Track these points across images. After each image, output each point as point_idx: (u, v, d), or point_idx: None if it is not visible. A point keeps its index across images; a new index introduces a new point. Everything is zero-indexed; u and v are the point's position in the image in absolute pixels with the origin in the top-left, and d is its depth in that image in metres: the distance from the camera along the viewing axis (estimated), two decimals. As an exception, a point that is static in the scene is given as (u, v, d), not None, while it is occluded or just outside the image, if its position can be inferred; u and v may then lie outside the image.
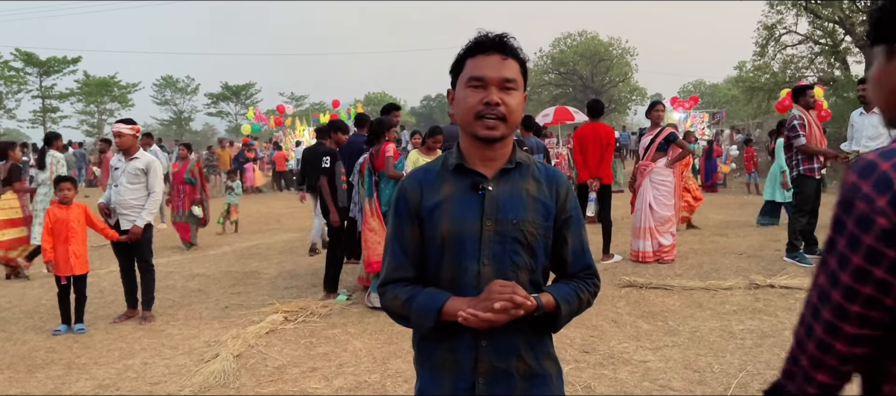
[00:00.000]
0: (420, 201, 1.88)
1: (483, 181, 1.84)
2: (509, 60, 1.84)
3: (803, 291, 6.56)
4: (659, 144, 8.46)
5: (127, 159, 6.40)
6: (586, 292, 1.94)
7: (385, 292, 1.93)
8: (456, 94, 1.90)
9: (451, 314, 1.78)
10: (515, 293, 1.71)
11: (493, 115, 1.79)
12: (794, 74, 29.49)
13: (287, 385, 4.63)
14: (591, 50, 53.60)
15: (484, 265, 1.82)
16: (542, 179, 1.92)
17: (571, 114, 22.12)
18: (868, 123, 7.85)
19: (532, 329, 1.86)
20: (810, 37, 30.27)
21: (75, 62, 49.45)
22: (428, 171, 1.94)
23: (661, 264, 8.20)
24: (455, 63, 1.91)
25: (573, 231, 1.95)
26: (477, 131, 1.81)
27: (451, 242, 1.83)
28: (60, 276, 6.12)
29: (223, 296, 7.35)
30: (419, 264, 1.91)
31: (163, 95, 62.71)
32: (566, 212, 1.93)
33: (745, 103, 33.80)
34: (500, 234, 1.82)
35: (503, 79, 1.81)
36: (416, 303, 1.84)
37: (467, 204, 1.84)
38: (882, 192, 1.19)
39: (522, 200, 1.86)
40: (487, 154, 1.86)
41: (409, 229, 1.90)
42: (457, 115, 1.88)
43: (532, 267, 1.87)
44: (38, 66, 48.15)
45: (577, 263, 1.96)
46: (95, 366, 5.21)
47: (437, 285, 1.87)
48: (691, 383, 4.40)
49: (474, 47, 1.85)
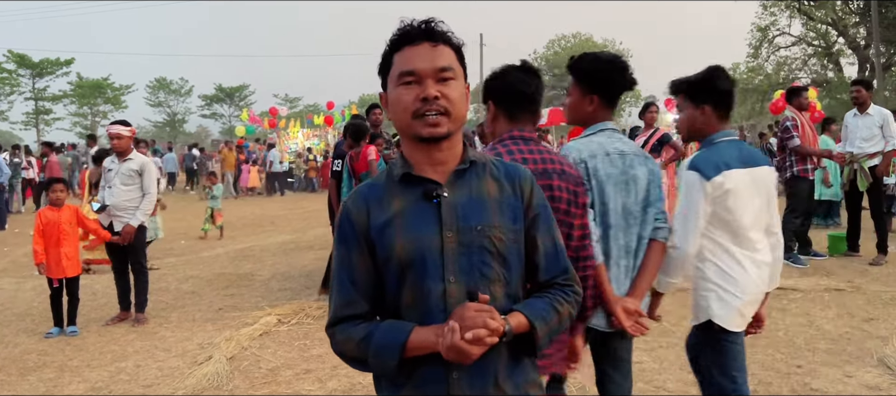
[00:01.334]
0: (367, 221, 1.65)
1: (436, 188, 1.62)
2: (441, 47, 1.62)
3: (797, 292, 6.58)
4: (652, 146, 8.49)
5: (121, 161, 6.38)
6: (565, 303, 1.70)
7: (334, 334, 1.66)
8: (389, 95, 1.68)
9: (419, 348, 1.55)
10: (491, 318, 1.49)
11: (434, 110, 1.58)
12: (787, 76, 29.67)
13: (281, 388, 4.62)
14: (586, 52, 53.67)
15: (450, 282, 1.59)
16: (502, 177, 1.70)
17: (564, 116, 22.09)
18: (862, 125, 7.88)
19: (510, 354, 1.64)
20: (804, 38, 30.45)
21: (68, 64, 49.36)
22: (372, 186, 1.71)
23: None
24: (382, 62, 1.69)
25: (543, 231, 1.72)
26: (419, 132, 1.60)
27: (410, 262, 1.60)
28: (52, 278, 6.09)
29: (216, 298, 7.32)
30: (373, 296, 1.67)
31: (156, 96, 62.67)
32: (533, 209, 1.71)
33: (739, 105, 33.88)
34: (464, 245, 1.60)
35: (437, 69, 1.60)
36: (374, 342, 1.59)
37: (422, 216, 1.62)
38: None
39: (484, 202, 1.64)
40: (435, 156, 1.64)
41: (358, 257, 1.65)
42: (393, 118, 1.66)
43: (506, 279, 1.64)
44: (31, 68, 48.01)
45: (551, 267, 1.72)
46: (88, 369, 5.19)
47: (397, 315, 1.63)
48: (686, 384, 4.39)
49: (399, 39, 1.64)
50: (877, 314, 5.80)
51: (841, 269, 7.57)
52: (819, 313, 5.88)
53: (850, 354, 4.83)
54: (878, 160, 7.81)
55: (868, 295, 6.41)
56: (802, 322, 5.61)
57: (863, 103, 7.87)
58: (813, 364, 4.65)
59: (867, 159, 7.81)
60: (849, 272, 7.40)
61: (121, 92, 53.91)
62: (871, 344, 5.00)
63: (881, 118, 7.79)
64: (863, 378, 4.38)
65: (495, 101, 2.58)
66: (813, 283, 6.85)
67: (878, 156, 7.81)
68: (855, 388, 4.23)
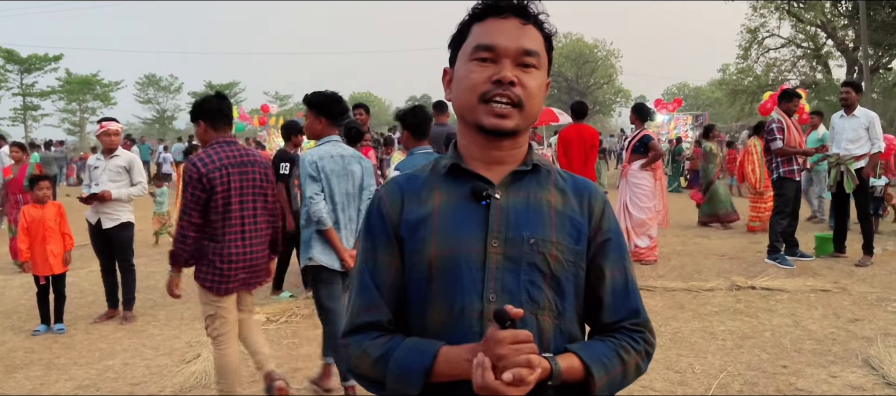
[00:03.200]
0: (400, 214, 1.40)
1: (487, 187, 1.37)
2: (531, 28, 1.37)
3: (784, 292, 6.62)
4: (634, 146, 8.55)
5: (108, 157, 6.35)
6: (633, 351, 1.39)
7: (348, 345, 1.40)
8: (455, 71, 1.42)
9: (447, 374, 1.28)
10: (533, 353, 1.21)
11: (505, 98, 1.32)
12: (776, 77, 29.85)
13: (269, 386, 4.61)
14: (577, 52, 53.79)
15: (489, 302, 1.31)
16: (570, 189, 1.44)
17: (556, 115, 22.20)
18: (848, 126, 7.94)
19: None
20: (793, 40, 30.63)
21: (57, 60, 48.90)
22: (413, 176, 1.46)
23: (644, 265, 8.24)
24: (457, 32, 1.44)
25: (613, 260, 1.43)
26: (481, 119, 1.34)
27: (443, 270, 1.34)
28: (39, 276, 6.05)
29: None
30: (397, 304, 1.41)
31: (146, 93, 62.33)
32: (603, 233, 1.43)
33: (729, 106, 34.14)
34: (511, 259, 1.33)
35: (522, 50, 1.34)
36: (392, 362, 1.32)
37: (465, 218, 1.36)
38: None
39: (542, 213, 1.38)
40: (494, 154, 1.39)
41: (386, 255, 1.40)
42: (455, 98, 1.41)
43: (560, 309, 1.37)
44: (19, 63, 47.55)
45: (619, 307, 1.42)
46: (75, 367, 5.16)
47: (423, 334, 1.36)
48: (672, 383, 4.42)
49: (485, 8, 1.38)
50: (862, 314, 5.84)
51: (827, 270, 7.62)
52: (805, 313, 5.92)
53: (836, 354, 4.87)
54: (864, 163, 7.87)
55: (854, 296, 6.46)
56: (789, 323, 5.65)
57: (851, 105, 7.93)
58: (799, 365, 4.69)
59: (853, 160, 7.87)
60: (835, 273, 7.45)
61: (110, 88, 53.49)
62: (856, 345, 5.05)
63: (867, 120, 7.85)
64: (848, 379, 4.41)
65: (203, 119, 3.92)
66: (799, 284, 6.90)
67: (865, 158, 7.87)
68: (840, 388, 4.27)
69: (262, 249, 3.99)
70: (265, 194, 3.94)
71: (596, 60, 54.36)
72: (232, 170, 3.78)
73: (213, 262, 3.78)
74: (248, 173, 3.86)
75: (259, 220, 3.92)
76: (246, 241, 3.85)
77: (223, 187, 3.74)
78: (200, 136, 3.96)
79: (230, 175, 3.78)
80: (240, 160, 3.84)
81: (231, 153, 3.84)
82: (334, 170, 4.10)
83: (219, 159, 3.76)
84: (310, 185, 4.05)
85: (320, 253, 4.09)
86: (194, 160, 3.74)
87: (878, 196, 9.87)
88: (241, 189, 3.81)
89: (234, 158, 3.83)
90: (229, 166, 3.78)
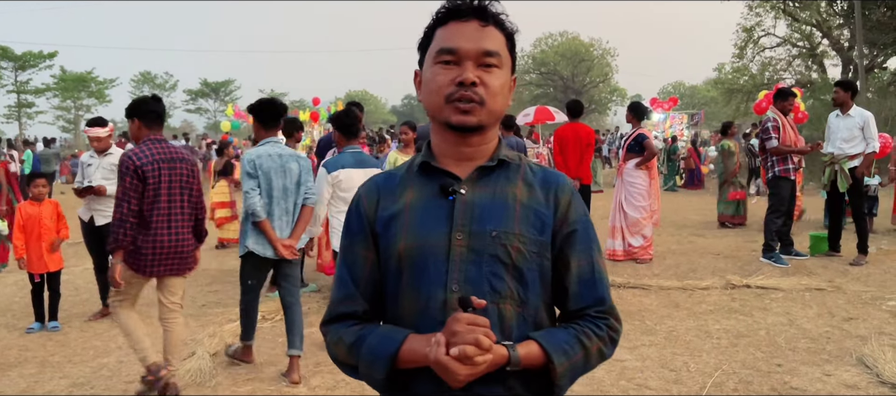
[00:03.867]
0: (376, 211, 1.50)
1: (454, 183, 1.45)
2: (491, 29, 1.45)
3: (779, 291, 6.64)
4: (629, 145, 8.56)
5: (101, 156, 6.33)
6: (595, 337, 1.44)
7: (327, 333, 1.53)
8: (423, 74, 1.50)
9: (411, 360, 1.38)
10: (485, 335, 1.28)
11: (468, 98, 1.40)
12: (772, 76, 29.86)
13: (264, 384, 4.61)
14: (572, 50, 53.83)
15: (453, 292, 1.39)
16: (537, 182, 1.50)
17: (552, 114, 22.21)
18: (843, 126, 7.95)
19: (525, 388, 1.42)
20: (788, 39, 30.67)
21: (51, 57, 48.79)
22: (390, 175, 1.56)
23: (639, 263, 8.25)
24: (423, 36, 1.52)
25: (580, 250, 1.48)
26: (448, 117, 1.42)
27: (411, 263, 1.43)
28: (34, 273, 6.03)
29: (200, 294, 7.28)
30: (374, 295, 1.51)
31: (141, 90, 62.04)
32: (569, 224, 1.48)
33: (724, 105, 34.13)
34: (475, 251, 1.41)
35: (482, 51, 1.42)
36: (364, 349, 1.43)
37: (432, 213, 1.44)
38: None
39: (507, 206, 1.44)
40: (463, 150, 1.47)
41: (362, 250, 1.50)
42: (424, 100, 1.50)
43: (522, 298, 1.43)
44: (13, 60, 47.42)
45: (584, 295, 1.47)
46: (69, 365, 5.15)
47: (397, 322, 1.47)
48: (667, 382, 4.43)
49: (446, 12, 1.46)
50: (856, 313, 5.86)
51: (822, 269, 7.65)
52: (800, 312, 5.94)
53: (830, 353, 4.89)
54: (858, 162, 7.88)
55: (848, 295, 6.48)
56: (783, 321, 5.67)
57: (842, 104, 7.95)
58: (793, 363, 4.70)
59: (847, 160, 7.89)
60: (830, 272, 7.47)
61: (105, 86, 53.37)
62: (850, 344, 5.06)
63: (862, 120, 7.86)
64: (842, 377, 4.43)
65: (139, 117, 4.34)
66: (794, 282, 6.91)
67: (859, 158, 7.88)
68: (834, 387, 4.28)
69: (189, 237, 4.43)
70: (191, 187, 4.39)
71: (592, 58, 54.38)
72: (163, 165, 4.22)
73: (140, 248, 4.19)
74: (177, 168, 4.29)
75: (185, 211, 4.36)
76: (172, 230, 4.28)
77: (154, 180, 4.17)
78: (134, 132, 4.41)
79: (161, 170, 4.21)
80: (169, 157, 4.28)
81: (162, 150, 4.27)
82: (272, 167, 4.54)
83: (151, 155, 4.20)
84: (246, 181, 4.49)
85: (254, 243, 4.54)
86: (130, 154, 4.16)
87: (871, 195, 9.89)
88: (169, 183, 4.25)
89: (165, 154, 4.27)
90: (161, 161, 4.22)
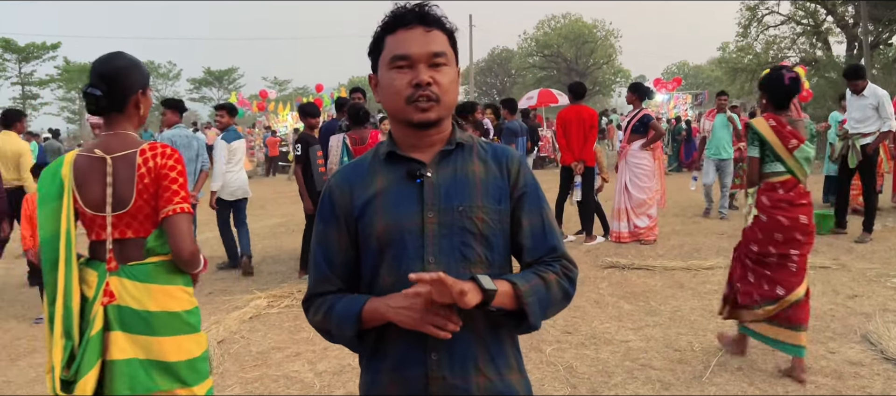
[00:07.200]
0: (350, 200, 1.67)
1: (419, 167, 1.63)
2: (434, 32, 1.61)
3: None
4: (634, 126, 8.52)
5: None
6: (550, 271, 1.64)
7: (307, 308, 1.74)
8: (379, 78, 1.66)
9: (372, 319, 1.60)
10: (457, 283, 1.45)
11: (425, 96, 1.57)
12: (776, 55, 29.70)
13: (271, 370, 4.64)
14: (575, 32, 53.51)
15: (429, 263, 1.58)
16: (490, 158, 1.69)
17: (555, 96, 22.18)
18: (856, 105, 7.91)
19: (493, 337, 1.64)
20: (792, 17, 30.48)
21: (55, 48, 48.81)
22: (357, 165, 1.72)
23: (643, 244, 8.26)
24: (373, 43, 1.68)
25: (530, 210, 1.69)
26: (410, 117, 1.59)
27: (390, 241, 1.61)
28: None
29: (206, 282, 7.32)
30: (348, 275, 1.71)
31: (144, 80, 62.06)
32: (519, 189, 1.69)
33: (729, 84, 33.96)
34: (445, 225, 1.60)
35: (431, 54, 1.59)
36: (334, 313, 1.65)
37: (404, 195, 1.62)
38: None
39: (468, 183, 1.64)
40: (423, 140, 1.65)
41: (336, 235, 1.68)
42: (384, 102, 1.65)
43: (489, 260, 1.63)
44: (17, 52, 47.48)
45: (538, 247, 1.68)
46: (78, 354, 5.19)
47: (375, 294, 1.64)
48: (672, 362, 4.45)
49: (392, 21, 1.62)
50: (861, 291, 5.87)
51: (827, 247, 7.64)
52: (804, 290, 5.94)
53: (834, 330, 4.90)
54: (871, 140, 7.83)
55: (853, 273, 6.48)
56: (788, 300, 5.66)
57: (854, 90, 7.90)
58: (797, 341, 4.71)
59: (860, 137, 7.85)
60: (834, 250, 7.47)
61: (108, 76, 53.34)
62: (854, 321, 5.07)
63: (876, 99, 7.77)
64: (846, 354, 4.44)
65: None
66: (799, 261, 6.90)
67: (872, 136, 7.83)
68: (838, 364, 4.29)
69: None
70: None
71: (595, 40, 54.07)
72: None
73: None
74: None
75: None
76: None
77: None
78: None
79: None
80: None
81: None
82: (181, 144, 6.78)
83: None
84: None
85: None
86: None
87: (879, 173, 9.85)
88: None
89: None
90: None
